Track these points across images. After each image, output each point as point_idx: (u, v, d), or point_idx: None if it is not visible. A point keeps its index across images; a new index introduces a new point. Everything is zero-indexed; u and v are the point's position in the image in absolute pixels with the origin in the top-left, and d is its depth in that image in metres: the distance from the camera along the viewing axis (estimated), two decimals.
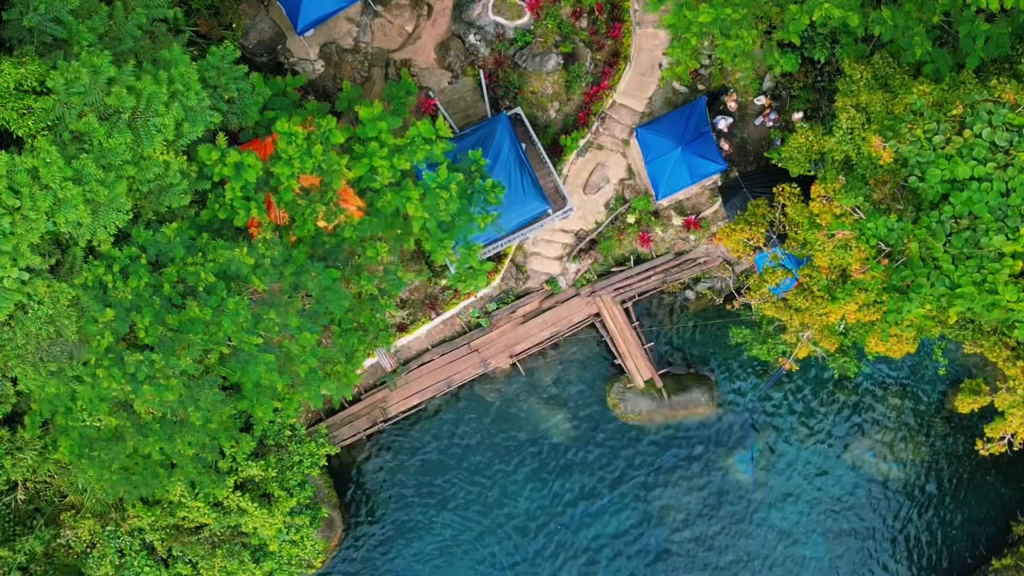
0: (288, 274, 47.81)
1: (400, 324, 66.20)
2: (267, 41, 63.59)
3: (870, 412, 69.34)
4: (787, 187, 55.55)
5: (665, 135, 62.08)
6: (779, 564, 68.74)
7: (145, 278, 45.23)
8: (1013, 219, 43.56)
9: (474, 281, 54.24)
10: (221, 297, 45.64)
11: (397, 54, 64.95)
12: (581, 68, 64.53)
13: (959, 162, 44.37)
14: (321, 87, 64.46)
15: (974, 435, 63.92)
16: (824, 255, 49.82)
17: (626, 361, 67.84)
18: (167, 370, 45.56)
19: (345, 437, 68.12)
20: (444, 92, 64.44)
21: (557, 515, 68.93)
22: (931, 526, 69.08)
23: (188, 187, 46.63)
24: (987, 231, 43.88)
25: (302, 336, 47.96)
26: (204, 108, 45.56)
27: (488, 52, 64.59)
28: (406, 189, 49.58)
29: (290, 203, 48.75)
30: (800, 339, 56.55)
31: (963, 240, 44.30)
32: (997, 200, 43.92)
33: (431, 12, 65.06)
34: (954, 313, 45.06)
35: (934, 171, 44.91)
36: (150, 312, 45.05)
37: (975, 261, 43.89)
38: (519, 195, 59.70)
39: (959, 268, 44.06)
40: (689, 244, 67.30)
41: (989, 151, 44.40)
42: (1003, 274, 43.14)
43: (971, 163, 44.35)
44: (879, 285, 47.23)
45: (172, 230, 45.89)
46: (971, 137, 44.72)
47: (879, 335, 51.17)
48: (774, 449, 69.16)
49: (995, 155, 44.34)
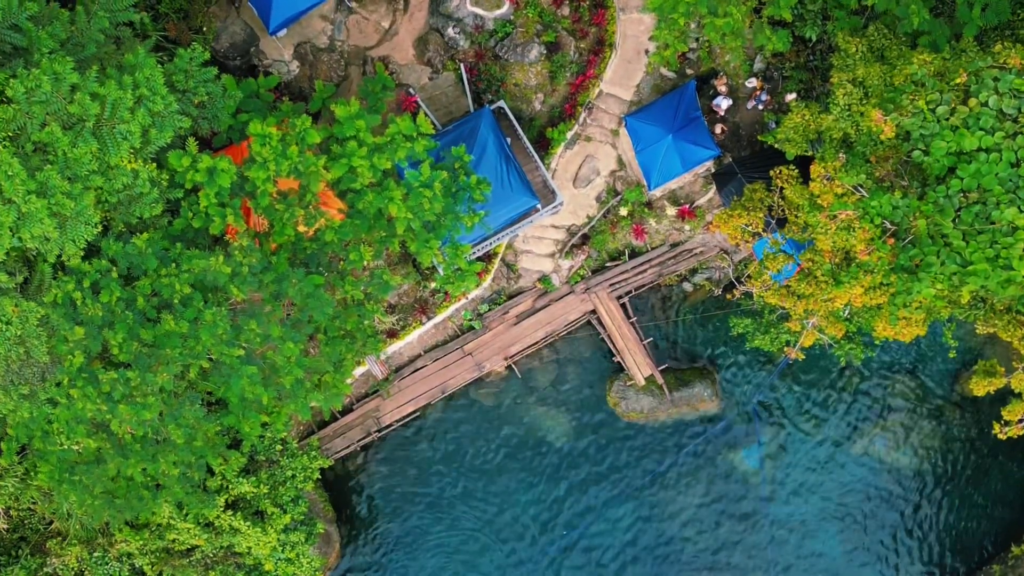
0: (268, 282, 46.46)
1: (390, 330, 64.90)
2: (239, 44, 62.03)
3: (878, 399, 68.19)
4: (784, 169, 53.93)
5: (655, 123, 60.95)
6: (792, 560, 67.49)
7: (117, 292, 43.62)
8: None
9: (463, 283, 52.99)
10: (198, 309, 44.08)
11: (374, 51, 63.50)
12: (565, 58, 63.19)
13: (965, 133, 42.55)
14: (297, 89, 62.99)
15: (987, 418, 64.10)
16: (827, 238, 47.98)
17: (625, 358, 66.53)
18: (144, 388, 44.10)
19: (339, 449, 66.64)
20: (424, 88, 63.05)
21: (561, 519, 67.70)
22: (947, 513, 67.87)
23: (159, 196, 45.15)
24: (998, 204, 42.12)
25: (285, 346, 46.58)
26: (172, 113, 44.14)
27: (468, 45, 63.25)
28: (388, 189, 48.17)
29: (267, 208, 47.32)
30: (805, 327, 54.88)
31: (973, 215, 42.52)
32: (1007, 171, 42.09)
33: (407, 6, 63.64)
34: (967, 292, 43.31)
35: (939, 143, 43.08)
36: (123, 328, 43.47)
37: (987, 236, 42.10)
38: (506, 191, 58.46)
39: (970, 244, 42.27)
40: (684, 234, 66.18)
41: (996, 120, 42.51)
42: (1017, 248, 41.33)
43: (978, 133, 42.48)
44: (886, 266, 45.51)
45: (144, 241, 44.20)
46: (977, 106, 42.83)
47: (887, 319, 49.41)
48: (781, 442, 67.99)
49: (1003, 124, 42.47)
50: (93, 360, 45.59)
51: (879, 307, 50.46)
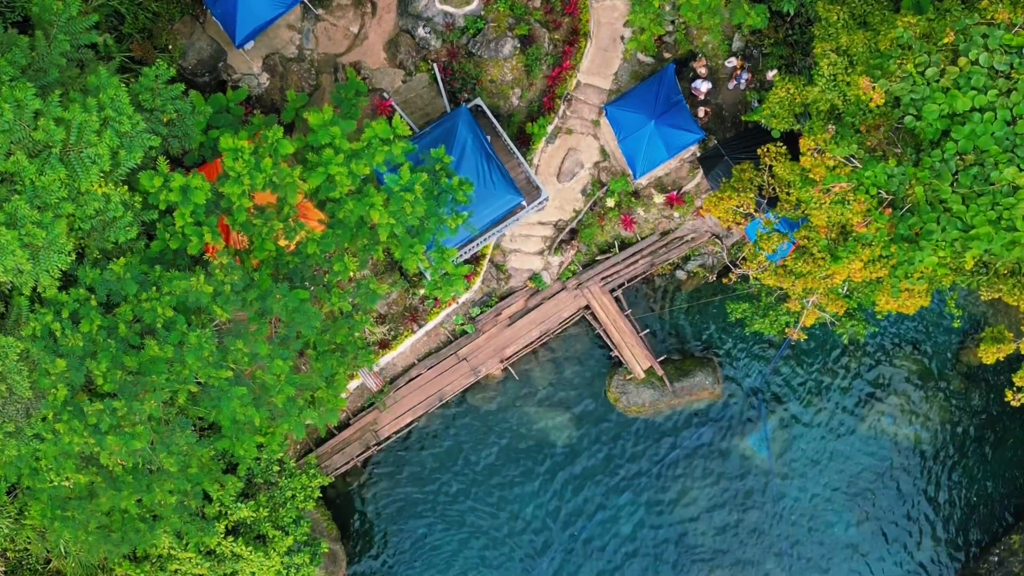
0: (252, 299, 45.25)
1: (382, 341, 63.89)
2: (207, 60, 61.10)
3: (883, 376, 67.52)
4: (772, 147, 52.79)
5: (636, 110, 60.14)
6: (807, 544, 66.80)
7: (97, 321, 42.43)
8: (1023, 148, 40.57)
9: (452, 287, 51.91)
10: (182, 332, 42.90)
11: (345, 58, 62.49)
12: (539, 50, 62.15)
13: (957, 94, 41.35)
14: (269, 101, 61.99)
15: (995, 386, 64.05)
16: (821, 213, 46.86)
17: (623, 352, 65.63)
18: (132, 417, 42.91)
19: (338, 465, 65.68)
20: (399, 92, 62.04)
21: (569, 521, 66.96)
22: (962, 486, 67.25)
23: (133, 219, 43.85)
24: (996, 164, 40.97)
25: (274, 364, 45.38)
26: (140, 133, 42.86)
27: (440, 44, 62.19)
28: (368, 195, 47.07)
29: (245, 224, 46.08)
30: (805, 306, 53.82)
31: (971, 177, 41.37)
32: (1003, 130, 40.94)
33: (375, 9, 62.57)
34: (970, 257, 42.18)
35: (931, 107, 41.90)
36: (106, 357, 42.22)
37: (987, 198, 40.96)
38: (489, 190, 57.42)
39: (971, 208, 41.14)
40: (674, 222, 65.29)
41: (989, 78, 41.30)
42: (1020, 209, 40.23)
43: (970, 93, 41.27)
44: (885, 237, 44.42)
45: (121, 266, 42.90)
46: (967, 65, 41.61)
47: (889, 291, 48.41)
48: (788, 426, 67.26)
49: (995, 81, 41.29)
50: (77, 392, 44.51)
51: (879, 280, 49.53)
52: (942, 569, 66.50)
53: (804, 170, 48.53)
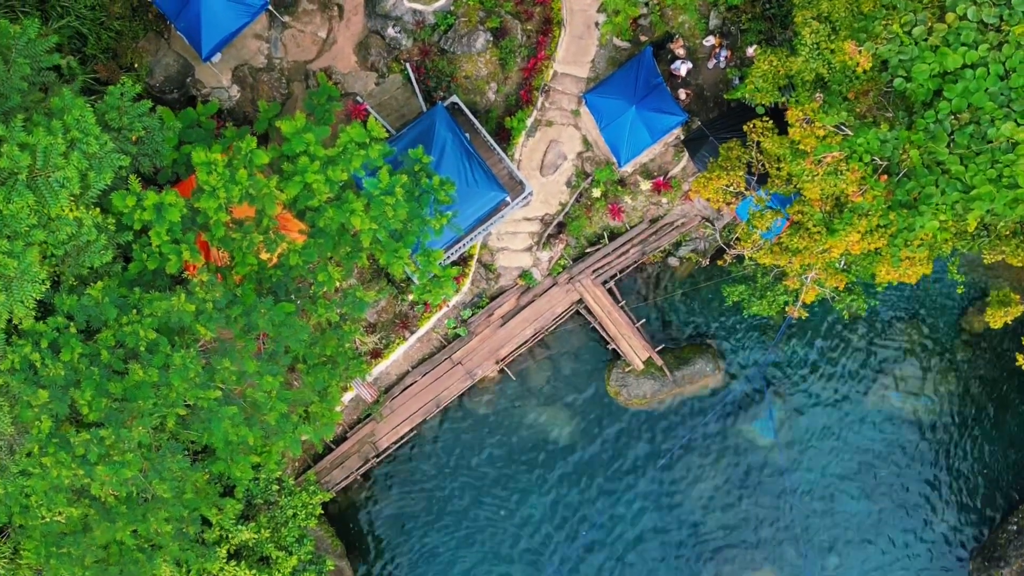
0: (236, 316, 44.18)
1: (373, 350, 62.88)
2: (174, 76, 59.96)
3: (887, 349, 66.63)
4: (758, 122, 51.94)
5: (616, 96, 59.11)
6: (821, 527, 65.88)
7: (78, 349, 41.20)
8: (1019, 102, 39.59)
9: (441, 290, 51.29)
10: (166, 354, 41.77)
11: (315, 64, 61.34)
12: (513, 42, 61.03)
13: (947, 51, 40.19)
14: (241, 114, 60.88)
15: (1002, 353, 63.57)
16: (814, 185, 45.77)
17: (620, 344, 64.66)
18: (120, 445, 41.65)
19: (338, 480, 64.57)
20: (372, 95, 60.94)
21: (578, 520, 65.97)
22: (974, 455, 66.39)
23: (108, 242, 42.72)
24: (992, 121, 39.83)
25: (264, 381, 44.36)
26: (109, 153, 41.63)
27: (411, 43, 61.05)
28: (348, 202, 46.01)
29: (223, 239, 45.03)
30: (804, 283, 52.75)
31: (967, 136, 40.24)
32: (997, 85, 39.81)
33: (342, 13, 61.41)
34: (973, 219, 40.99)
35: (920, 67, 40.75)
36: (90, 385, 41.04)
37: (986, 156, 39.82)
38: (472, 188, 56.36)
39: (970, 168, 40.00)
40: (663, 208, 64.29)
41: (978, 32, 40.12)
42: (1021, 164, 39.07)
43: (960, 50, 40.06)
44: (882, 205, 43.36)
45: (99, 291, 41.78)
46: (955, 21, 40.43)
47: (889, 261, 47.39)
48: (793, 407, 66.35)
49: (985, 35, 40.13)
50: (62, 423, 43.31)
51: (878, 251, 48.49)
52: (961, 540, 65.59)
53: (794, 143, 47.40)
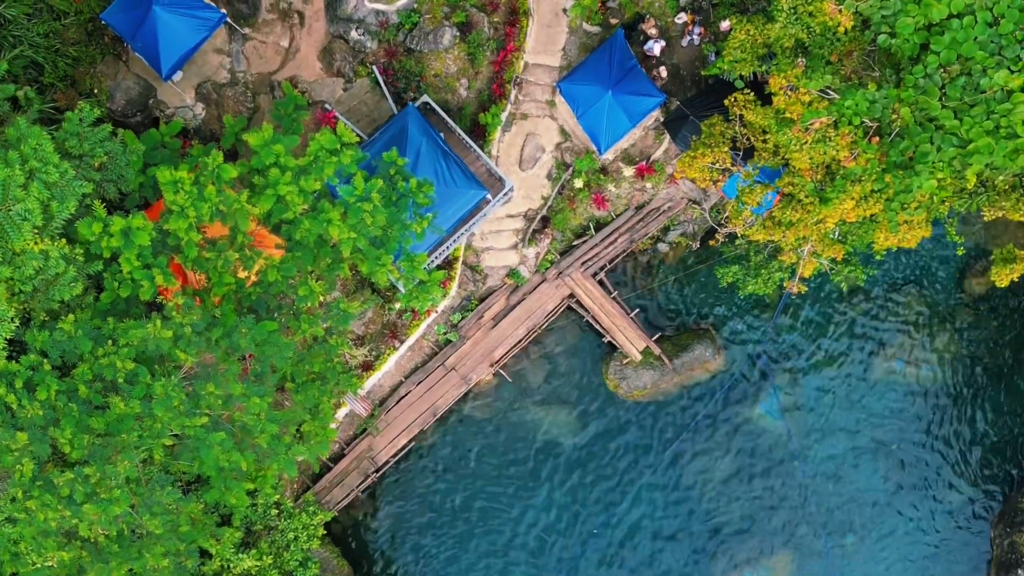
0: (216, 338, 43.16)
1: (364, 363, 61.79)
2: (136, 98, 58.68)
3: (888, 319, 65.58)
4: (739, 95, 50.70)
5: (590, 82, 57.99)
6: (836, 505, 64.85)
7: (54, 386, 40.08)
8: (1010, 48, 38.31)
9: (428, 295, 50.72)
10: (146, 384, 40.74)
11: (280, 74, 60.18)
12: (480, 36, 59.88)
13: (931, 2, 38.99)
14: (208, 132, 59.74)
15: (1005, 314, 62.94)
16: (803, 154, 44.51)
17: (615, 336, 63.60)
18: (107, 482, 40.50)
19: (339, 499, 63.38)
20: (341, 101, 59.76)
21: (588, 519, 64.87)
22: (987, 419, 65.39)
23: (77, 273, 41.77)
24: (984, 71, 38.65)
25: (252, 403, 43.25)
26: (71, 181, 41.00)
27: (376, 45, 59.93)
28: (324, 212, 45.07)
29: (197, 260, 44.03)
30: (800, 256, 51.41)
31: (960, 89, 38.97)
32: (985, 33, 38.60)
33: (303, 20, 60.24)
34: (972, 174, 39.64)
35: (904, 21, 39.56)
36: (70, 422, 39.92)
37: (981, 108, 38.53)
38: (451, 188, 55.29)
39: (965, 121, 38.70)
40: (648, 193, 63.19)
41: None
42: (1018, 113, 37.79)
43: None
44: (876, 168, 42.02)
45: (71, 324, 40.75)
46: None
47: (886, 226, 46.25)
48: (797, 385, 65.29)
49: None
50: (45, 465, 42.06)
51: (874, 218, 47.44)
52: (981, 507, 64.56)
53: (779, 112, 46.14)
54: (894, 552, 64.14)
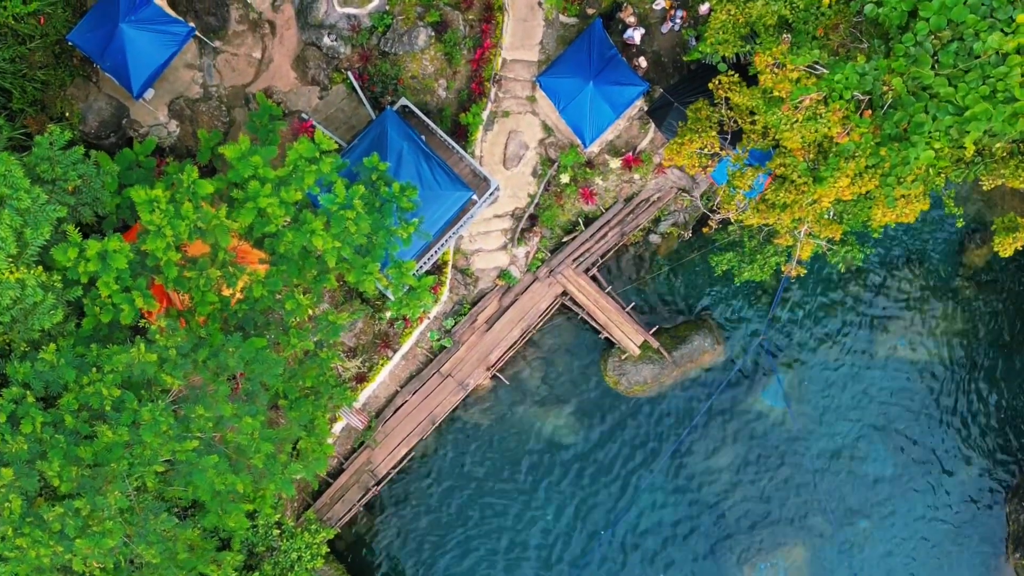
0: (203, 359, 41.94)
1: (358, 375, 60.77)
2: (109, 119, 57.80)
3: (888, 298, 64.91)
4: (724, 78, 49.57)
5: (570, 75, 57.26)
6: (847, 491, 64.08)
7: (39, 418, 39.00)
8: (1002, 10, 36.99)
9: (418, 301, 49.23)
10: (133, 410, 39.50)
11: (254, 86, 59.22)
12: (456, 34, 58.91)
13: None
14: (184, 150, 58.78)
15: (1005, 286, 62.26)
16: (793, 133, 43.39)
17: (612, 332, 62.84)
18: (99, 514, 39.38)
19: (341, 515, 62.42)
20: (318, 109, 58.80)
21: (594, 520, 63.97)
22: (993, 394, 64.70)
23: (56, 300, 40.93)
24: (977, 35, 37.21)
25: (244, 423, 41.96)
26: (43, 206, 40.33)
27: (350, 50, 58.94)
28: (306, 222, 44.08)
29: (178, 280, 42.93)
30: (797, 238, 50.29)
31: (952, 55, 37.64)
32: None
33: (275, 29, 59.20)
34: (970, 141, 38.37)
35: None
36: (57, 454, 38.83)
37: (976, 73, 37.20)
38: (435, 191, 54.35)
39: (960, 88, 37.36)
40: (636, 184, 62.35)
41: None
42: (1015, 75, 36.44)
43: None
44: (871, 142, 40.78)
45: (52, 353, 39.62)
46: None
47: (884, 202, 45.09)
48: (800, 371, 64.52)
49: None
50: (35, 500, 41.07)
51: (868, 196, 46.41)
52: (994, 483, 63.83)
53: (766, 91, 44.95)
54: (909, 534, 63.37)
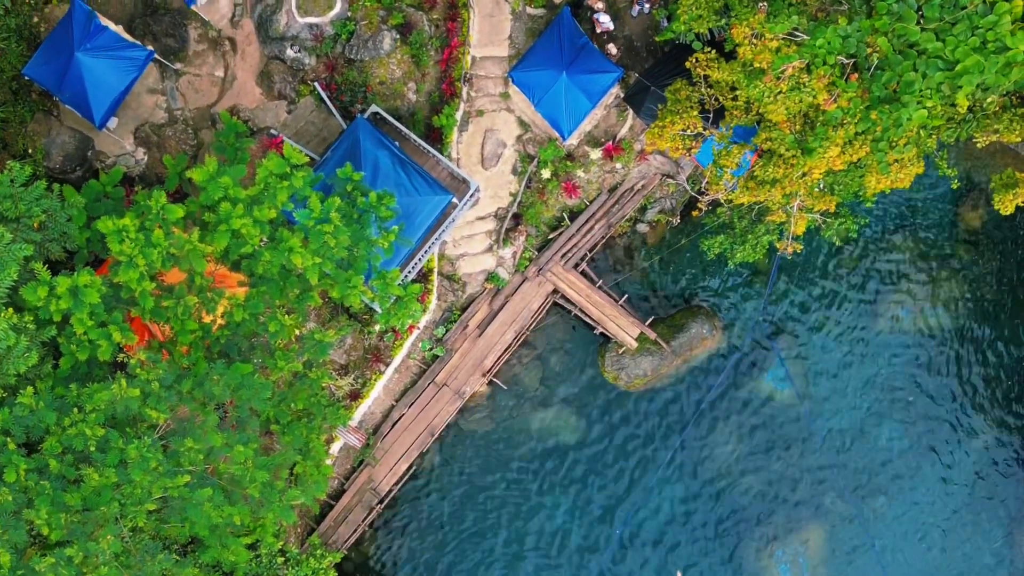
0: (188, 390, 40.79)
1: (351, 392, 59.69)
2: (73, 153, 56.58)
3: (886, 268, 63.78)
4: (700, 55, 48.29)
5: (543, 67, 56.33)
6: (861, 468, 62.92)
7: (22, 465, 37.77)
8: None
9: (406, 311, 47.84)
10: (119, 449, 38.30)
11: (219, 106, 58.01)
12: (421, 36, 57.69)
13: None
14: (152, 177, 57.52)
15: (1003, 245, 61.44)
16: (777, 105, 42.03)
17: (607, 326, 61.64)
18: (92, 560, 38.12)
19: (347, 537, 61.18)
20: (287, 125, 57.60)
21: (606, 519, 62.88)
22: (1005, 356, 63.55)
23: (31, 342, 39.43)
24: None
25: (235, 452, 40.98)
26: (8, 246, 38.80)
27: (315, 60, 57.66)
28: (283, 240, 42.82)
29: (155, 310, 41.59)
30: (791, 213, 48.97)
31: (937, 8, 36.41)
32: None
33: (235, 46, 57.96)
34: (963, 96, 37.14)
35: None
36: (44, 502, 37.50)
37: (964, 25, 35.95)
38: (413, 197, 53.12)
39: (948, 42, 36.11)
40: (619, 174, 61.26)
41: None
42: (1004, 24, 35.20)
43: None
44: (860, 108, 39.47)
45: (30, 397, 38.26)
46: None
47: (877, 168, 43.81)
48: (802, 351, 63.41)
49: None
50: (25, 551, 39.90)
51: (859, 164, 45.23)
52: (1012, 447, 62.75)
53: (746, 64, 43.61)
54: (928, 507, 62.30)
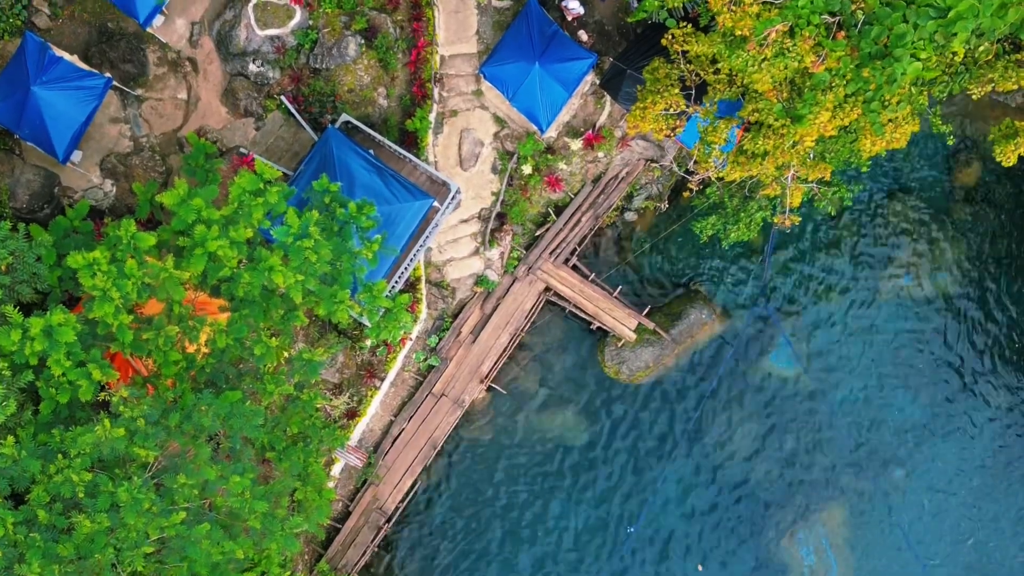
0: (175, 424, 39.37)
1: (348, 411, 58.34)
2: (39, 191, 54.96)
3: (884, 234, 62.80)
4: (676, 31, 46.86)
5: (514, 59, 55.27)
6: (876, 442, 61.95)
7: (9, 519, 36.52)
8: None
9: (397, 323, 46.77)
10: (109, 492, 37.01)
11: (185, 129, 56.44)
12: (387, 39, 56.31)
13: None
14: (123, 208, 55.94)
15: (1000, 202, 60.76)
16: (762, 74, 40.55)
17: (603, 320, 60.62)
18: None
19: (356, 560, 59.89)
20: (257, 142, 56.21)
21: (620, 515, 61.89)
22: (1012, 317, 62.59)
23: (7, 389, 38.10)
24: None
25: (232, 483, 39.64)
26: None
27: (279, 73, 56.25)
28: (262, 260, 41.45)
29: (134, 344, 40.19)
30: (785, 185, 47.55)
31: None
32: None
33: (196, 66, 56.44)
34: (959, 44, 35.61)
35: None
36: (35, 555, 36.15)
37: None
38: (393, 204, 51.92)
39: None
40: (602, 163, 60.11)
41: None
42: None
43: None
44: (850, 67, 37.94)
45: (11, 447, 37.07)
46: None
47: (871, 130, 42.48)
48: (805, 328, 62.52)
49: None
50: None
51: (850, 128, 44.41)
52: None
53: (727, 33, 42.11)
54: (948, 476, 61.44)
